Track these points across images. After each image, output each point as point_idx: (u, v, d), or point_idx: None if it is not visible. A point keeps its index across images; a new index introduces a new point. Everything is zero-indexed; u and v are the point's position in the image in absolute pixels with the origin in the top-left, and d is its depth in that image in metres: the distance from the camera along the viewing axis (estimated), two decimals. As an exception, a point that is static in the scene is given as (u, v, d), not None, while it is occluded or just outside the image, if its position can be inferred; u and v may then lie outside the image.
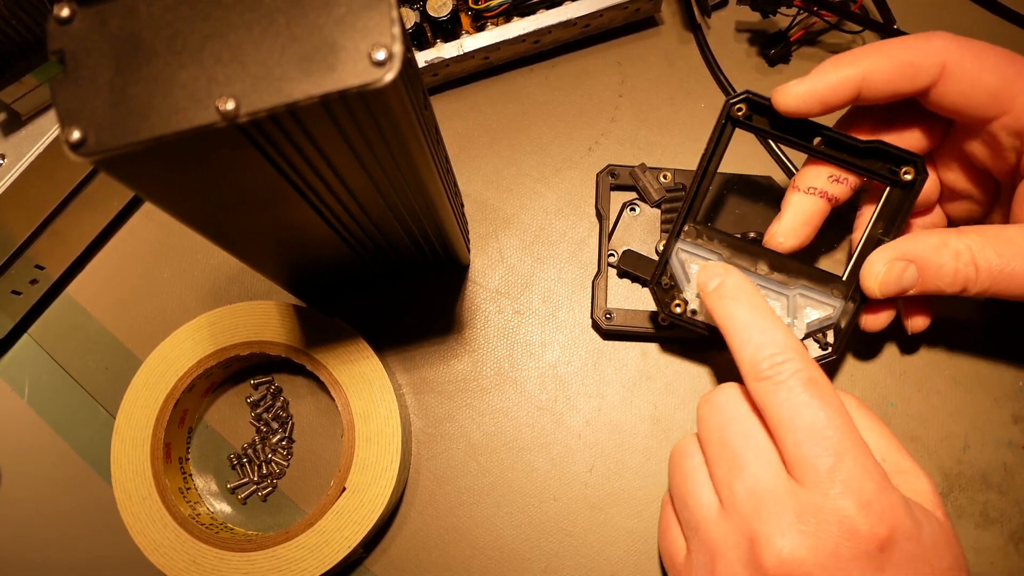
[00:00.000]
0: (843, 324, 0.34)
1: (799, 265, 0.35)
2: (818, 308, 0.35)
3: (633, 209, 0.41)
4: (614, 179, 0.41)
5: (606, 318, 0.39)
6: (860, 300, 0.34)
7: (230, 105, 0.21)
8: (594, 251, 0.42)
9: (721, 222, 0.40)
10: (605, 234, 0.41)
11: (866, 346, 0.40)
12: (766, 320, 0.31)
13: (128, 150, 0.21)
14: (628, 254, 0.40)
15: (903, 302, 0.36)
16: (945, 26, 0.44)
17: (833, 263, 0.41)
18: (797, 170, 0.42)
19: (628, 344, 0.40)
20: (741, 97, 0.34)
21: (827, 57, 0.44)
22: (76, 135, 0.21)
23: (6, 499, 0.40)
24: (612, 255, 0.41)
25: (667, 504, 0.34)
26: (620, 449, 0.39)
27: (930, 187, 0.36)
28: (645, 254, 0.40)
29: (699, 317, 0.35)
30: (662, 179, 0.41)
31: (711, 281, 0.33)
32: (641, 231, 0.41)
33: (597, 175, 0.42)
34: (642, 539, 0.38)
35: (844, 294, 0.35)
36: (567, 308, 0.41)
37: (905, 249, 0.32)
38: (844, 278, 0.35)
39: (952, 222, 0.38)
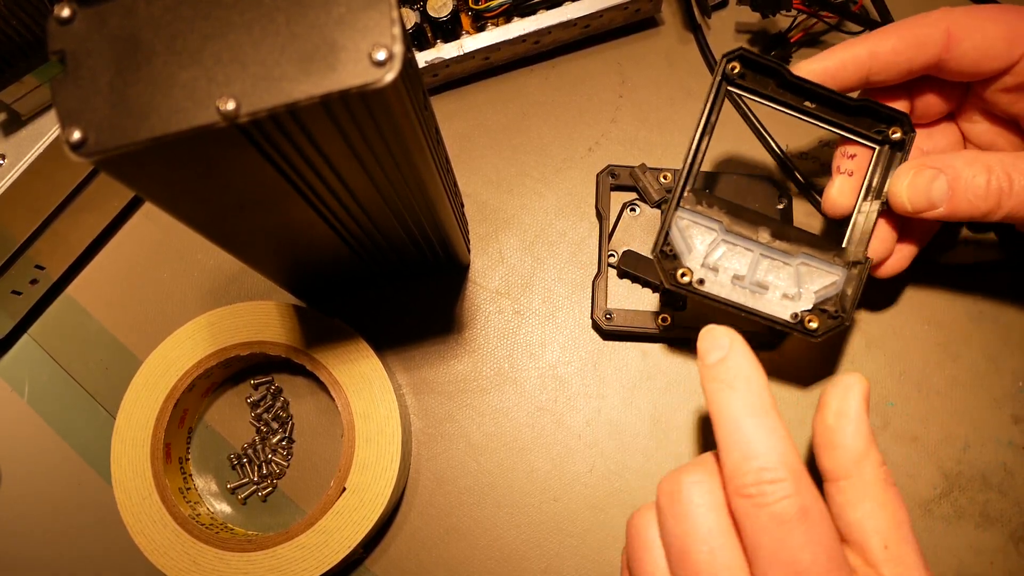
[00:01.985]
0: (849, 291, 0.34)
1: (801, 232, 0.35)
2: (823, 277, 0.34)
3: (633, 209, 0.41)
4: (614, 179, 0.42)
5: (606, 318, 0.39)
6: (865, 264, 0.34)
7: (230, 105, 0.21)
8: (594, 251, 0.42)
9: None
10: (605, 234, 0.41)
11: (867, 345, 0.40)
12: (763, 421, 0.26)
13: (128, 150, 0.21)
14: (628, 254, 0.40)
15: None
16: (945, 26, 0.44)
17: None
18: (778, 147, 0.42)
19: (628, 344, 0.40)
20: (736, 54, 0.33)
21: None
22: (76, 135, 0.21)
23: (6, 499, 0.40)
24: (612, 255, 0.41)
25: (622, 569, 0.31)
26: (620, 449, 0.39)
27: (953, 143, 0.36)
28: (645, 254, 0.40)
29: (705, 288, 0.33)
30: (662, 179, 0.41)
31: (711, 353, 0.28)
32: (641, 231, 0.41)
33: (597, 175, 0.42)
34: (642, 539, 0.38)
35: (846, 261, 0.34)
36: (567, 308, 0.41)
37: (935, 159, 0.32)
38: (844, 244, 0.35)
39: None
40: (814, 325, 0.33)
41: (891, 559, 0.27)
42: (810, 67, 0.33)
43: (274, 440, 0.40)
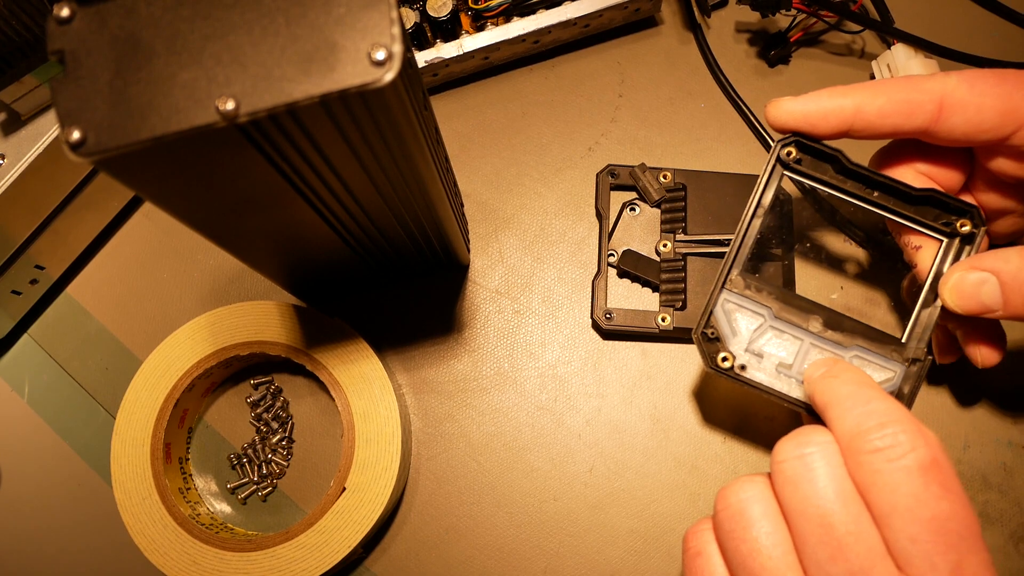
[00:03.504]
0: (906, 390, 0.31)
1: (855, 323, 0.32)
2: (878, 372, 0.32)
3: (633, 209, 0.41)
4: (614, 179, 0.42)
5: (606, 318, 0.39)
6: (925, 361, 0.32)
7: (230, 105, 0.21)
8: (594, 251, 0.42)
9: (720, 224, 0.40)
10: (605, 234, 0.41)
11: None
12: (872, 391, 0.27)
13: (128, 150, 0.21)
14: (628, 254, 0.40)
15: (966, 332, 0.33)
16: (945, 26, 0.44)
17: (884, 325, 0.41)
18: (857, 230, 0.40)
19: (628, 344, 0.40)
20: (790, 140, 0.32)
21: (827, 57, 0.44)
22: (76, 135, 0.21)
23: (6, 499, 0.40)
24: (612, 255, 0.41)
25: (704, 556, 0.28)
26: (620, 449, 0.39)
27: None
28: (645, 254, 0.40)
29: (747, 374, 0.32)
30: (662, 179, 0.41)
31: (818, 370, 0.30)
32: (641, 231, 0.41)
33: (597, 175, 0.42)
34: (642, 539, 0.38)
35: (904, 357, 0.32)
36: (567, 308, 0.41)
37: (984, 262, 0.30)
38: (904, 340, 0.32)
39: (997, 241, 0.36)
40: None
41: None
42: (791, 107, 0.32)
43: (274, 440, 0.40)
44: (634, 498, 0.38)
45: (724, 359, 0.32)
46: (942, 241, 0.33)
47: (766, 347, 0.32)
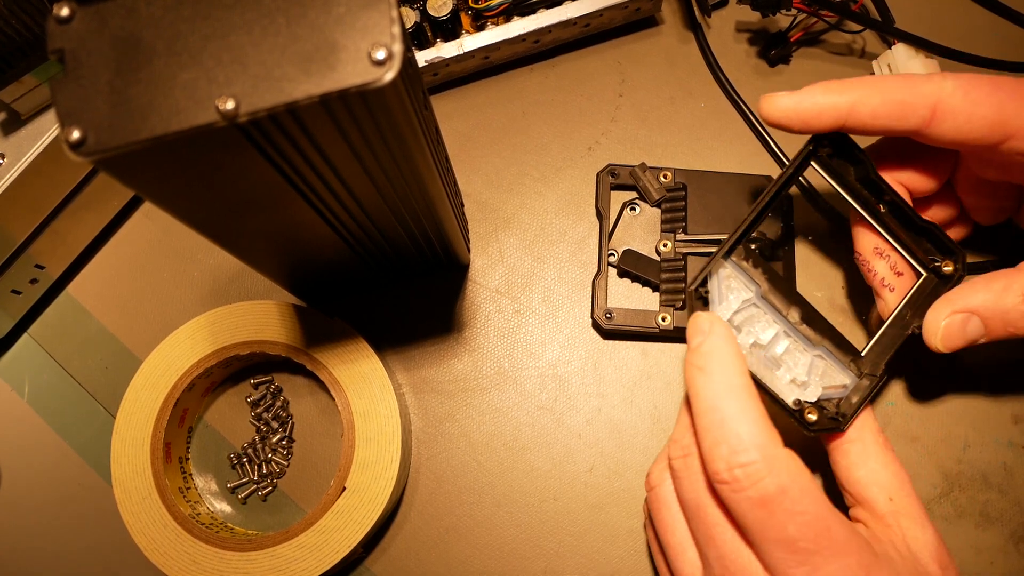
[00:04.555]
0: (854, 400, 0.33)
1: (828, 326, 0.34)
2: (834, 376, 0.33)
3: (633, 209, 0.41)
4: (614, 179, 0.42)
5: (606, 317, 0.39)
6: (878, 380, 0.33)
7: (230, 105, 0.21)
8: (594, 251, 0.42)
9: (720, 223, 0.40)
10: (605, 234, 0.41)
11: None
12: (733, 404, 0.28)
13: (128, 150, 0.21)
14: (628, 254, 0.40)
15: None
16: (945, 26, 0.44)
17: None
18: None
19: (628, 343, 0.40)
20: (833, 137, 0.33)
21: (827, 57, 0.44)
22: (76, 135, 0.21)
23: (6, 499, 0.40)
24: (612, 255, 0.41)
25: (656, 549, 0.33)
26: (620, 449, 0.39)
27: (951, 211, 0.36)
28: (645, 254, 0.40)
29: None
30: (662, 179, 0.41)
31: (695, 337, 0.30)
32: (641, 231, 0.41)
33: (597, 175, 0.42)
34: (642, 539, 0.38)
35: (859, 371, 0.33)
36: (567, 308, 0.41)
37: (963, 302, 0.31)
38: (863, 354, 0.34)
39: (980, 224, 0.37)
40: (812, 418, 0.32)
41: (896, 510, 0.30)
42: (785, 102, 0.32)
43: (274, 440, 0.40)
44: (634, 498, 0.38)
45: None
46: (921, 274, 0.34)
47: (746, 323, 0.33)
